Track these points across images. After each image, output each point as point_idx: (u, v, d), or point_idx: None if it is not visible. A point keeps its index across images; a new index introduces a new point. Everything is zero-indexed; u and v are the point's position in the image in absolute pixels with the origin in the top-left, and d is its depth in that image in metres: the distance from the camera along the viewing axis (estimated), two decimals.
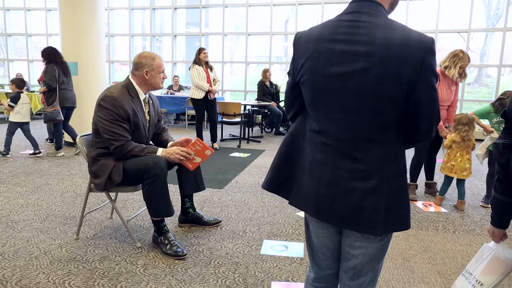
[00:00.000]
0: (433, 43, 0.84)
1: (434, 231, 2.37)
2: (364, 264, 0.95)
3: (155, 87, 2.05)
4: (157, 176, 1.88)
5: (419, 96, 0.83)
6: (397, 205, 0.89)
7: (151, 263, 1.86)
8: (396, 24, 0.84)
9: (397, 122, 0.87)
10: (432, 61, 0.83)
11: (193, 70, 4.51)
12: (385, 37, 0.82)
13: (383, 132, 0.86)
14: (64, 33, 4.66)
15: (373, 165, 0.87)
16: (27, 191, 3.00)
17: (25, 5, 8.50)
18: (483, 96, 10.58)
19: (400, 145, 0.90)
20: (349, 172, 0.88)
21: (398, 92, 0.83)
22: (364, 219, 0.88)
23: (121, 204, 2.72)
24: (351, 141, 0.88)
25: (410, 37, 0.82)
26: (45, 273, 1.75)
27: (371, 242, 0.93)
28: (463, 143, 2.68)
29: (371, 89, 0.83)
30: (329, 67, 0.86)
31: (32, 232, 2.19)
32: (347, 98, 0.86)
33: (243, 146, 5.12)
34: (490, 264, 1.20)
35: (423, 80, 0.82)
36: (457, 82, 2.87)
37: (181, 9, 8.14)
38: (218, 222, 2.36)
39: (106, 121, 1.89)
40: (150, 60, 1.98)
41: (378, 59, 0.82)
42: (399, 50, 0.81)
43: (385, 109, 0.84)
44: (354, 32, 0.85)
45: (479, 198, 3.05)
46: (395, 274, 1.81)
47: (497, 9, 6.64)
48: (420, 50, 0.81)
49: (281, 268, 1.84)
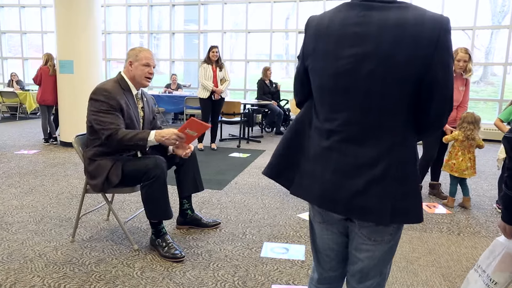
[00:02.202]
0: (449, 23, 0.81)
1: (439, 233, 2.34)
2: (371, 268, 0.93)
3: (138, 81, 1.96)
4: (157, 177, 1.84)
5: (434, 76, 0.81)
6: (406, 194, 0.85)
7: (148, 266, 1.83)
8: (410, 5, 0.83)
9: (408, 106, 0.84)
10: (447, 41, 0.81)
11: (200, 69, 4.48)
12: (398, 18, 0.81)
13: (394, 116, 0.84)
14: (60, 30, 4.59)
15: (381, 151, 0.85)
16: (22, 192, 2.95)
17: (20, 2, 8.42)
18: (488, 95, 10.55)
19: (410, 132, 0.87)
20: (356, 158, 0.86)
21: (410, 73, 0.81)
22: (370, 207, 0.85)
23: (118, 206, 2.67)
24: (360, 126, 0.86)
25: (424, 16, 0.80)
26: (40, 276, 1.72)
27: (378, 245, 0.91)
28: (466, 142, 2.64)
29: (382, 72, 0.81)
30: (339, 49, 0.85)
31: (26, 234, 2.15)
32: (357, 82, 0.84)
33: (242, 146, 5.08)
34: (502, 261, 1.18)
35: (438, 59, 0.80)
36: (467, 83, 2.83)
37: (179, 6, 8.07)
38: (217, 224, 2.32)
39: (98, 112, 1.84)
40: (137, 52, 1.96)
41: (390, 39, 0.80)
42: (412, 30, 0.79)
43: (396, 92, 0.82)
44: (367, 14, 0.83)
45: (484, 199, 3.01)
46: (398, 277, 1.78)
47: (503, 6, 6.60)
48: (436, 29, 0.79)
49: (282, 271, 1.81)
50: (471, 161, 2.68)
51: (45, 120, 4.85)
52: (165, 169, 1.89)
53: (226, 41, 7.71)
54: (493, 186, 3.37)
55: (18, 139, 4.97)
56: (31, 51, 9.13)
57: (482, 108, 9.09)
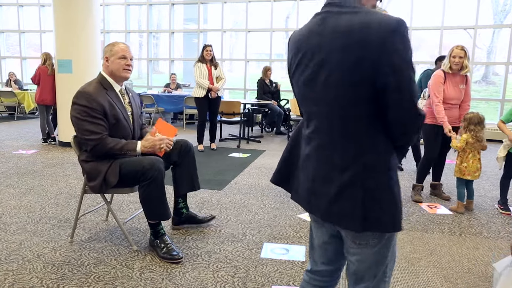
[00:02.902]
0: (401, 25, 0.79)
1: (440, 233, 2.32)
2: (364, 270, 0.94)
3: (117, 74, 1.95)
4: (154, 178, 1.83)
5: (384, 80, 0.79)
6: (378, 202, 0.85)
7: (148, 266, 1.82)
8: (362, 9, 0.83)
9: (370, 112, 0.84)
10: (396, 43, 0.78)
11: (195, 68, 4.44)
12: (347, 23, 0.82)
13: (356, 123, 0.85)
14: (58, 29, 4.57)
15: (348, 158, 0.86)
16: (20, 192, 2.94)
17: (18, 1, 8.38)
18: (490, 94, 10.51)
19: (382, 139, 0.86)
20: (329, 164, 0.89)
21: (361, 78, 0.81)
22: (343, 214, 0.88)
23: (117, 206, 2.66)
24: (328, 133, 0.89)
25: (372, 20, 0.80)
26: (39, 277, 1.71)
27: (363, 248, 0.92)
28: (477, 144, 2.60)
29: (335, 78, 0.84)
30: (306, 60, 0.90)
31: (25, 235, 2.14)
32: (320, 90, 0.88)
33: (242, 146, 5.06)
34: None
35: (386, 62, 0.79)
36: (468, 81, 2.82)
37: (178, 5, 8.05)
38: (213, 217, 2.33)
39: (80, 119, 1.84)
40: (110, 47, 1.95)
41: (340, 45, 0.82)
42: (359, 34, 0.80)
43: (351, 99, 0.83)
44: (324, 22, 0.87)
45: (486, 200, 3.00)
46: (399, 278, 1.77)
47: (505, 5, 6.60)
48: (381, 32, 0.78)
49: (282, 272, 1.80)
50: (480, 162, 2.65)
51: (44, 120, 4.83)
52: (163, 170, 1.87)
53: (226, 40, 7.68)
54: (494, 186, 3.36)
55: (16, 139, 4.95)
56: (30, 51, 9.10)
57: (484, 108, 9.09)
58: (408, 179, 3.58)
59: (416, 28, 6.50)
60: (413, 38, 6.53)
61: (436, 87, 2.76)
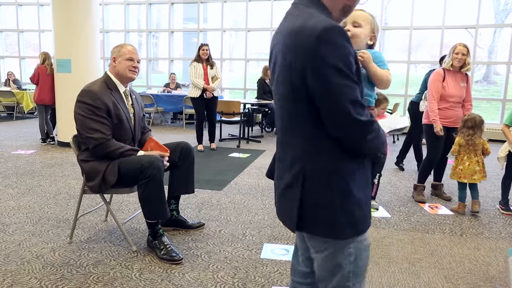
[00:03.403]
0: (327, 32, 0.77)
1: (441, 234, 2.32)
2: (322, 279, 0.94)
3: (123, 75, 1.96)
4: (153, 176, 1.82)
5: (310, 85, 0.81)
6: (316, 204, 0.84)
7: (147, 267, 1.81)
8: (304, 13, 0.83)
9: (310, 114, 0.83)
10: (320, 50, 0.77)
11: (191, 67, 4.43)
12: (288, 27, 0.84)
13: (299, 123, 0.86)
14: (57, 29, 4.56)
15: (293, 158, 0.88)
16: (19, 192, 2.92)
17: (17, 0, 8.35)
18: (491, 94, 10.48)
19: (325, 140, 0.83)
20: (283, 162, 0.92)
21: (294, 81, 0.83)
22: (283, 213, 0.92)
23: (116, 206, 2.65)
24: (281, 132, 0.92)
25: (306, 25, 0.80)
26: (38, 278, 1.70)
27: (317, 253, 0.91)
28: (470, 147, 2.55)
29: (281, 78, 0.86)
30: (271, 57, 0.94)
31: (23, 235, 2.13)
32: (275, 88, 0.91)
33: (242, 146, 5.05)
34: None
35: (311, 68, 0.79)
36: (468, 79, 2.80)
37: (178, 4, 8.03)
38: (202, 225, 2.29)
39: (84, 117, 1.84)
40: (119, 48, 1.97)
41: (282, 49, 0.85)
42: (294, 38, 0.82)
43: (291, 100, 0.86)
44: (284, 21, 0.89)
45: (487, 200, 2.99)
46: (400, 279, 1.77)
47: (506, 4, 6.60)
48: (310, 37, 0.78)
49: (282, 272, 1.79)
50: (479, 164, 2.56)
51: (43, 119, 4.81)
52: (162, 168, 1.87)
53: (226, 40, 7.67)
54: (496, 186, 3.34)
55: (15, 139, 4.93)
56: (28, 50, 9.09)
57: (485, 108, 9.07)
58: (409, 179, 3.57)
59: (417, 27, 6.49)
60: (414, 37, 6.51)
61: (433, 84, 2.75)
